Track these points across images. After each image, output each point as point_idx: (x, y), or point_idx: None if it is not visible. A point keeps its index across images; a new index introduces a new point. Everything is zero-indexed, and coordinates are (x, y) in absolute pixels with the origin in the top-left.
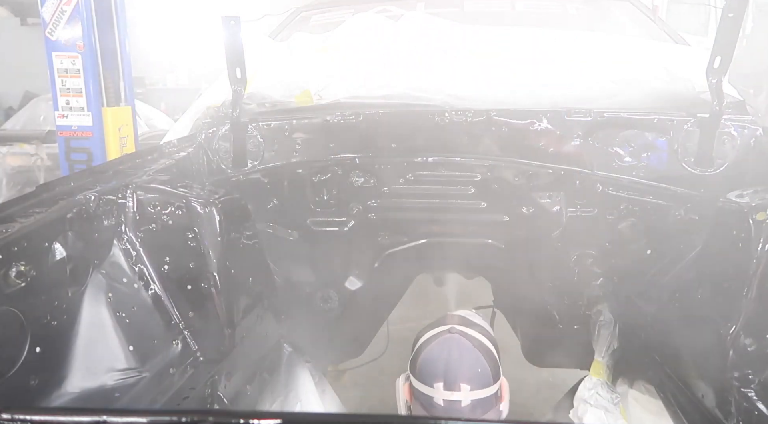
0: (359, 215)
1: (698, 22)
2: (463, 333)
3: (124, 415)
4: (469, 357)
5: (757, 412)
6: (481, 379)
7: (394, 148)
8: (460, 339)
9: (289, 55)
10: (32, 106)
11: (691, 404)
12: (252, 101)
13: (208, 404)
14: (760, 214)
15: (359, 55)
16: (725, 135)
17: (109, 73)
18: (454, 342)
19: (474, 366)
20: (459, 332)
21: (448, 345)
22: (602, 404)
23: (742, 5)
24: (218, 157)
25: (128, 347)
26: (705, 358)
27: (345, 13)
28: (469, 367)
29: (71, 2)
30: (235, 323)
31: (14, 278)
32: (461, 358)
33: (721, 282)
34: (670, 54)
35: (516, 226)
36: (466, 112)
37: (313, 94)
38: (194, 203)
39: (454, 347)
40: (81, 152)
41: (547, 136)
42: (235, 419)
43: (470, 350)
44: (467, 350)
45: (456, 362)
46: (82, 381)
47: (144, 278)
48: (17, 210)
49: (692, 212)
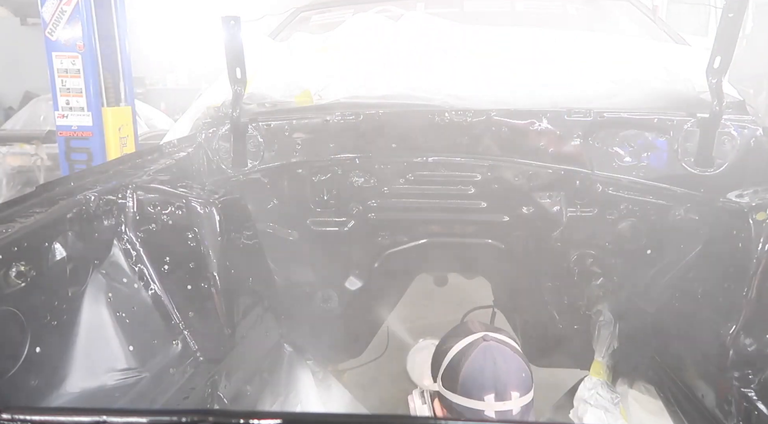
0: (359, 215)
1: (698, 22)
2: (498, 340)
3: (124, 415)
4: (513, 364)
5: (757, 412)
6: (526, 383)
7: (394, 148)
8: (498, 347)
9: (289, 55)
10: (32, 106)
11: (691, 404)
12: (252, 101)
13: (208, 404)
14: (760, 214)
15: (359, 55)
16: (725, 135)
17: (109, 73)
18: (495, 350)
19: (519, 372)
20: (494, 339)
21: (492, 354)
22: (602, 404)
23: (742, 5)
24: (218, 157)
25: (128, 347)
26: (705, 358)
27: (345, 13)
28: (516, 374)
29: (71, 2)
30: (235, 323)
31: (14, 278)
32: (508, 366)
33: (721, 282)
34: (670, 54)
35: (516, 226)
36: (466, 112)
37: (313, 94)
38: (194, 203)
39: (498, 355)
40: (81, 152)
41: (547, 136)
42: (235, 419)
43: (512, 357)
44: (510, 357)
45: (504, 371)
46: (82, 381)
47: (144, 278)
48: (17, 210)
49: (692, 212)
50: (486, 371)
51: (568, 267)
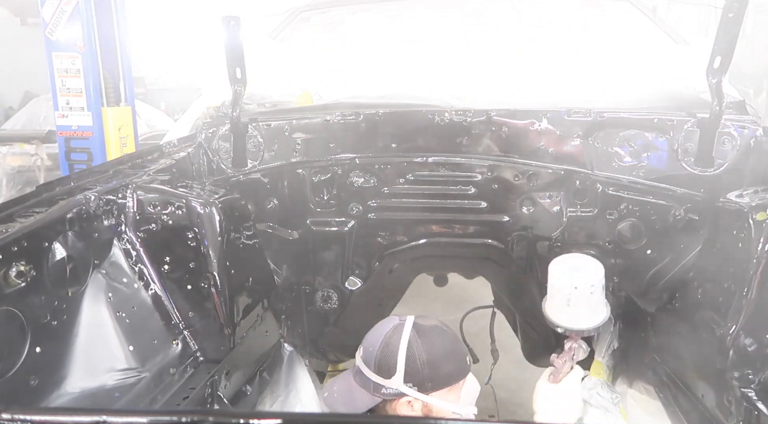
0: (359, 215)
1: (698, 22)
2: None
3: (124, 415)
4: None
5: (757, 412)
6: (371, 359)
7: (394, 148)
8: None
9: (289, 55)
10: (32, 106)
11: (691, 404)
12: (252, 101)
13: (208, 404)
14: (760, 214)
15: (359, 55)
16: (725, 135)
17: (109, 73)
18: None
19: (373, 345)
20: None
21: None
22: (602, 404)
23: (742, 5)
24: (218, 157)
25: (128, 347)
26: (705, 358)
27: (345, 13)
28: (369, 345)
29: (71, 2)
30: (235, 323)
31: (14, 278)
32: None
33: (721, 282)
34: (670, 54)
35: (516, 226)
36: (466, 112)
37: (313, 94)
38: (194, 203)
39: None
40: (81, 152)
41: (547, 136)
42: (235, 419)
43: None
44: None
45: None
46: (82, 381)
47: (144, 278)
48: (17, 210)
49: (692, 212)
50: None
51: None
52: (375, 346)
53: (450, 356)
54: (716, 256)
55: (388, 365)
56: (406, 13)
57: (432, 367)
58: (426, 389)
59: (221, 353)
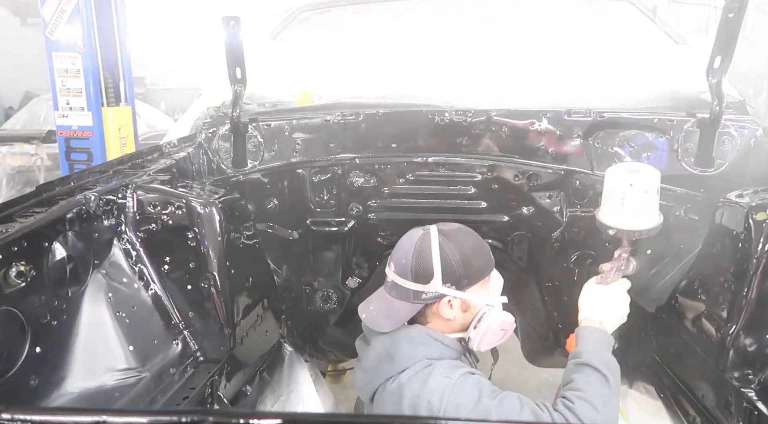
0: (359, 215)
1: (698, 22)
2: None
3: (124, 415)
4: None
5: (757, 412)
6: (405, 268)
7: (394, 148)
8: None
9: (289, 55)
10: (32, 106)
11: (691, 404)
12: (252, 101)
13: (208, 404)
14: (760, 214)
15: (359, 55)
16: (725, 135)
17: (109, 73)
18: None
19: (407, 253)
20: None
21: None
22: None
23: (742, 5)
24: (218, 157)
25: (128, 347)
26: (705, 358)
27: (345, 13)
28: (402, 253)
29: (71, 2)
30: (235, 323)
31: (14, 278)
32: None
33: (721, 282)
34: (670, 54)
35: (516, 226)
36: (466, 112)
37: (313, 94)
38: (194, 203)
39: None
40: (81, 152)
41: (547, 136)
42: (235, 419)
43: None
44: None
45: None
46: (82, 381)
47: (144, 278)
48: (17, 210)
49: (692, 212)
50: None
51: (568, 267)
52: (407, 257)
53: (478, 251)
54: (716, 256)
55: (426, 271)
56: (406, 13)
57: (466, 264)
58: (463, 286)
59: (221, 353)
